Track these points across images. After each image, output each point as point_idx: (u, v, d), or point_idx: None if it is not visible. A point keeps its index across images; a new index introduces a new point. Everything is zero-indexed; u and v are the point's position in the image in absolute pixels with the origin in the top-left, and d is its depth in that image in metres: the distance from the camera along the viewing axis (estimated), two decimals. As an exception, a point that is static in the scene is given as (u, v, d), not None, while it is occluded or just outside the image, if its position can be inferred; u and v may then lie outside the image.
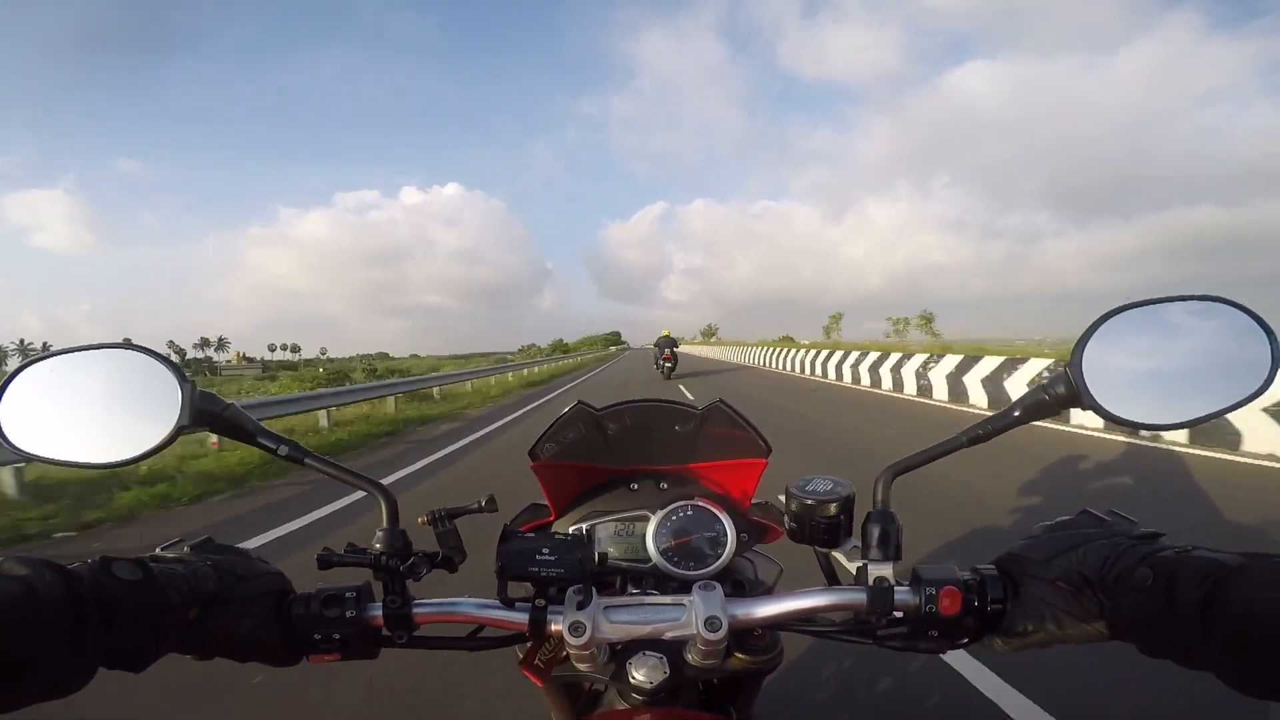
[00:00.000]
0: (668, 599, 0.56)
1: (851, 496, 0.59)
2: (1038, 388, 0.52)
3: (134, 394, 0.50)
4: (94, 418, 0.50)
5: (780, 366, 20.38)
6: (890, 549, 0.54)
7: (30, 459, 0.50)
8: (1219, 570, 0.38)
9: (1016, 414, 0.53)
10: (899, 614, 0.53)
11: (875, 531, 0.54)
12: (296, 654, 0.52)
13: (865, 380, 13.31)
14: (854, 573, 0.56)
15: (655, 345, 16.50)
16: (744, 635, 0.62)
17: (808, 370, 17.49)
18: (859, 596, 0.53)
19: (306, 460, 0.56)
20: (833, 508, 0.58)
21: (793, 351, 19.40)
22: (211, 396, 0.52)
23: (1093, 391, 0.49)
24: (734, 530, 0.73)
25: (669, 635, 0.54)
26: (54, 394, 0.50)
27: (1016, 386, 8.77)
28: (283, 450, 0.55)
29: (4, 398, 0.49)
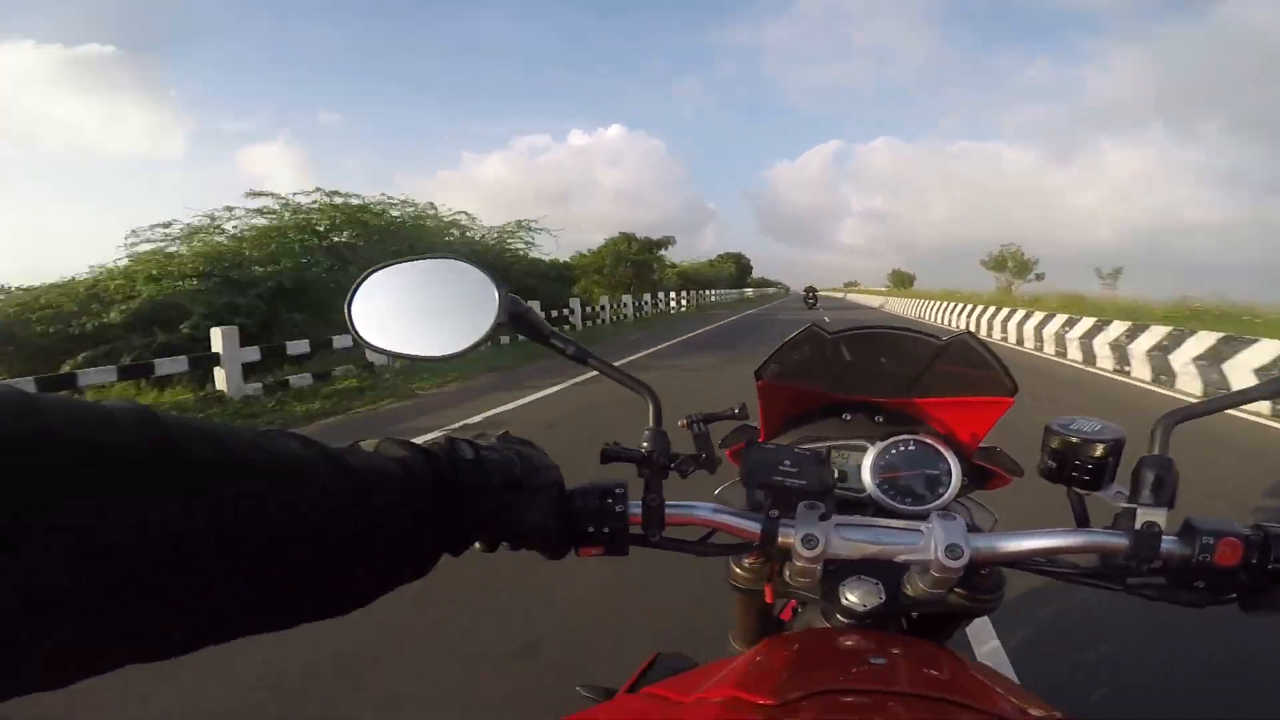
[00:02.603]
0: (904, 524, 0.56)
1: (1122, 440, 0.57)
2: None
3: (458, 296, 0.57)
4: (426, 316, 0.59)
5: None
6: (1165, 495, 0.53)
7: (376, 351, 0.59)
8: None
9: None
10: (1159, 563, 0.52)
11: (1150, 476, 0.53)
12: (568, 545, 0.56)
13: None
14: (1112, 519, 0.55)
15: (805, 290, 31.78)
16: (970, 573, 0.61)
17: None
18: (1118, 540, 0.53)
19: (589, 360, 0.60)
20: (1100, 448, 0.56)
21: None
22: (516, 299, 0.57)
23: None
24: (959, 471, 0.71)
25: (902, 558, 0.55)
26: (392, 296, 0.59)
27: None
28: (570, 350, 0.60)
29: (355, 300, 0.58)
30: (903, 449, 0.74)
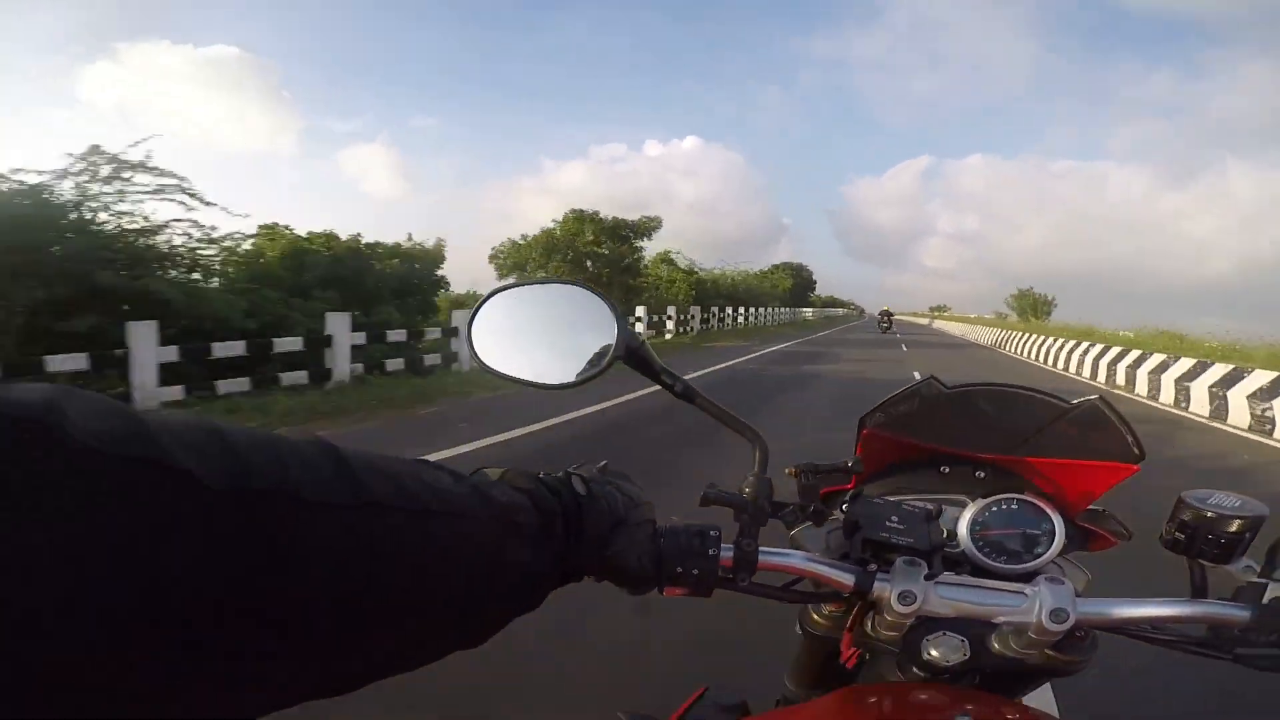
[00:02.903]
0: (1008, 585, 0.57)
1: (1263, 518, 0.57)
2: None
3: (578, 325, 0.56)
4: (544, 343, 0.58)
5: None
6: None
7: (492, 374, 0.57)
8: None
9: None
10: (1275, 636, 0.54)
11: None
12: (654, 583, 0.53)
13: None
14: (1232, 592, 0.57)
15: (880, 314, 30.82)
16: (1066, 635, 0.61)
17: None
18: (1238, 613, 0.54)
19: (696, 400, 0.58)
20: (1236, 524, 0.57)
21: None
22: (634, 334, 0.56)
23: None
24: (1063, 533, 0.70)
25: (1001, 619, 0.55)
26: (513, 319, 0.59)
27: None
28: (678, 387, 0.57)
29: (476, 320, 0.58)
30: (1005, 507, 0.72)
